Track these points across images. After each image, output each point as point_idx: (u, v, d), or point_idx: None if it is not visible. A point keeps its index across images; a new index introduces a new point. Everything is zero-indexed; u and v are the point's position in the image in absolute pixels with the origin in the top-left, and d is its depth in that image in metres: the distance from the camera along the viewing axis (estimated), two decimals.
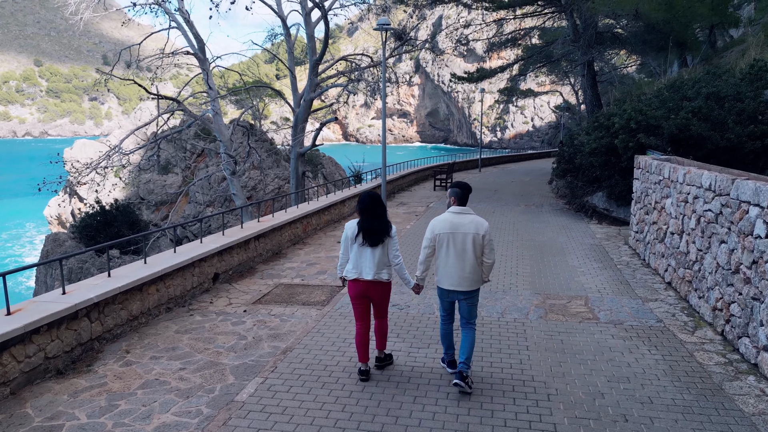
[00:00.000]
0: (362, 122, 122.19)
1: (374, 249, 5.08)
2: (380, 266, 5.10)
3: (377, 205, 5.16)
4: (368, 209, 5.14)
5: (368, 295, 5.18)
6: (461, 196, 5.10)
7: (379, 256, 5.09)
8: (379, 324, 5.37)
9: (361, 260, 5.13)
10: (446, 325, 5.34)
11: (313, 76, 19.28)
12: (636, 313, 7.14)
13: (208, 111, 20.21)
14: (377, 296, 5.20)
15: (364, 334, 5.26)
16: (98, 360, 5.83)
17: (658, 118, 12.16)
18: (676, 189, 8.14)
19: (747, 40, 21.96)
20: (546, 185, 24.37)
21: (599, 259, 10.10)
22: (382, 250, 5.11)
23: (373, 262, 5.07)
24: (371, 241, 5.07)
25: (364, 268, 5.11)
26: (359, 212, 5.21)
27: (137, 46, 19.40)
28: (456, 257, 4.97)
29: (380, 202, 5.22)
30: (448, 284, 5.06)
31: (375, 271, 5.07)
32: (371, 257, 5.08)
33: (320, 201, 14.31)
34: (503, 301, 7.66)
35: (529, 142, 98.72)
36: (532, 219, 14.77)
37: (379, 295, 5.20)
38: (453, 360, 5.34)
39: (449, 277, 5.03)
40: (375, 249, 5.08)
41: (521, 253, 10.64)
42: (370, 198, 5.19)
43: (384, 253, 5.12)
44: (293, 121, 19.83)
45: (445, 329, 5.35)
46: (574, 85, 60.67)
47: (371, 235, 5.08)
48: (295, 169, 19.93)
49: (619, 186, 13.27)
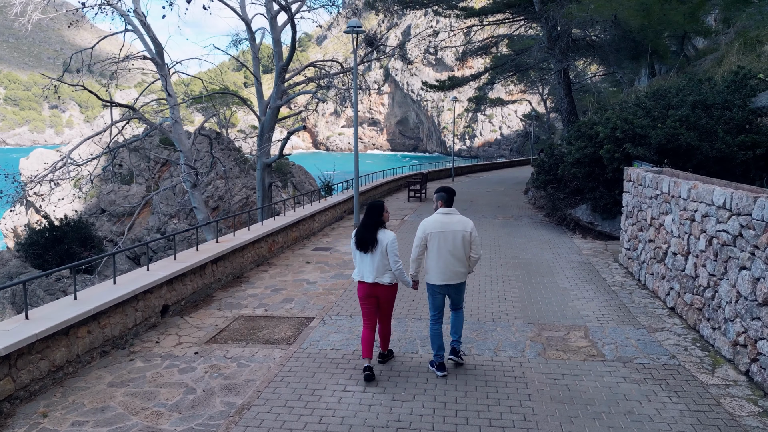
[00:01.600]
0: (332, 131, 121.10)
1: (372, 254, 5.43)
2: (380, 270, 5.43)
3: (370, 216, 5.51)
4: (364, 217, 5.56)
5: (375, 295, 5.52)
6: (447, 200, 5.67)
7: (378, 260, 5.42)
8: (383, 327, 5.75)
9: (362, 264, 5.53)
10: (436, 326, 5.69)
11: (279, 82, 18.23)
12: (644, 347, 6.33)
13: (167, 119, 18.94)
14: (382, 297, 5.54)
15: (370, 333, 5.58)
16: (6, 428, 4.69)
17: (644, 127, 11.55)
18: (678, 205, 7.41)
19: (719, 48, 21.89)
20: (521, 195, 23.79)
21: (591, 280, 9.33)
22: (381, 255, 5.42)
23: (372, 266, 5.44)
24: (360, 247, 5.47)
25: (365, 271, 5.50)
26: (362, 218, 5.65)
27: (90, 50, 18.11)
28: (447, 254, 5.46)
29: (375, 211, 5.52)
30: (441, 280, 5.54)
31: (375, 275, 5.43)
32: (370, 262, 5.45)
33: (288, 216, 13.25)
34: (494, 335, 6.77)
35: (497, 150, 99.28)
36: (512, 233, 14.01)
37: (383, 296, 5.54)
38: (443, 363, 5.62)
39: (441, 273, 5.51)
40: (372, 254, 5.43)
41: (507, 274, 9.80)
42: (369, 208, 5.59)
43: (383, 258, 5.42)
44: (259, 130, 18.72)
45: (435, 330, 5.68)
46: (543, 94, 61.22)
47: (359, 241, 5.48)
48: (262, 180, 18.80)
49: (603, 198, 12.61)
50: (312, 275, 10.00)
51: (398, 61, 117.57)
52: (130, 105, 18.56)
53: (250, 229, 11.15)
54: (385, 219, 5.55)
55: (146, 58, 18.47)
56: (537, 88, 58.15)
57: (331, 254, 11.88)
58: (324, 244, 13.12)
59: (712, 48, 23.76)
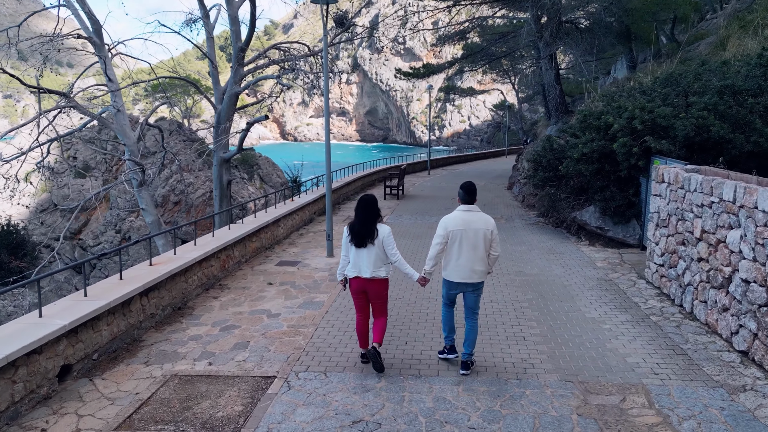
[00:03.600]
0: (300, 121, 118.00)
1: (368, 249, 5.32)
2: (377, 264, 5.36)
3: (367, 210, 5.36)
4: (358, 211, 5.39)
5: (366, 290, 5.43)
6: (465, 198, 5.46)
7: (375, 255, 5.33)
8: (378, 322, 5.56)
9: (359, 260, 5.37)
10: (448, 311, 5.66)
11: (238, 66, 15.96)
12: (734, 421, 4.56)
13: (109, 108, 16.49)
14: (373, 292, 5.43)
15: (364, 324, 5.59)
16: None
17: (667, 116, 9.85)
18: (755, 220, 5.66)
19: (710, 33, 20.57)
20: (505, 191, 22.12)
21: (621, 306, 7.57)
22: (378, 249, 5.33)
23: (369, 261, 5.34)
24: (356, 241, 5.34)
25: (362, 267, 5.37)
26: (354, 213, 5.46)
27: (17, 28, 15.56)
28: (468, 252, 5.31)
29: (371, 206, 5.39)
30: (459, 278, 5.37)
31: (372, 269, 5.34)
32: (367, 256, 5.34)
33: (246, 223, 11.14)
34: (525, 404, 4.89)
35: (467, 140, 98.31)
36: (508, 238, 12.23)
37: (375, 291, 5.43)
38: (453, 345, 5.67)
39: (460, 271, 5.36)
40: (369, 249, 5.32)
41: (516, 298, 7.96)
42: (363, 201, 5.42)
43: (379, 252, 5.35)
44: (215, 120, 16.44)
45: (447, 314, 5.66)
46: (515, 84, 59.92)
47: (356, 236, 5.34)
48: (219, 177, 16.54)
49: (615, 199, 10.90)
50: (274, 303, 7.96)
51: (366, 50, 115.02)
52: (64, 92, 16.02)
53: (196, 244, 9.01)
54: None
55: (82, 38, 16.01)
56: (509, 77, 56.88)
57: (299, 270, 9.85)
58: (290, 256, 11.07)
59: (702, 33, 22.47)
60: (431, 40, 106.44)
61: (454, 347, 5.71)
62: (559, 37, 18.59)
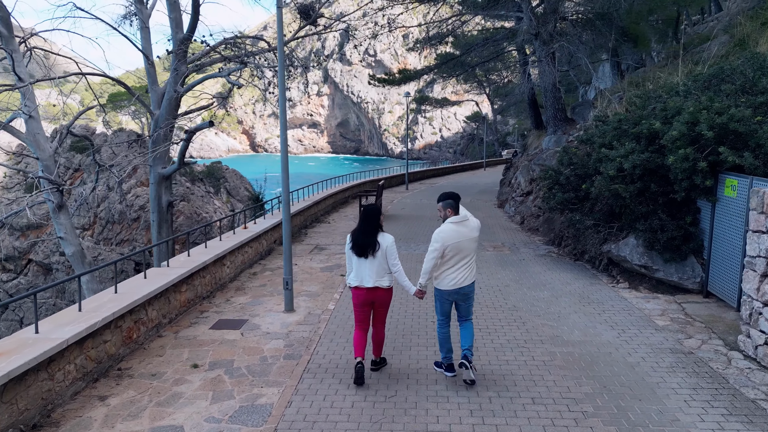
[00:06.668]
0: (271, 132, 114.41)
1: (370, 259, 5.31)
2: (380, 273, 5.34)
3: (367, 221, 5.38)
4: (361, 222, 5.45)
5: (370, 300, 5.41)
6: (455, 206, 5.33)
7: (378, 264, 5.32)
8: (377, 332, 5.59)
9: (361, 269, 5.37)
10: (444, 329, 5.52)
11: (178, 62, 12.98)
12: None
13: (18, 114, 13.29)
14: (377, 302, 5.42)
15: (362, 334, 5.51)
16: None
17: (746, 120, 7.31)
18: None
19: (732, 30, 18.60)
20: (496, 209, 19.53)
21: (736, 408, 4.87)
22: (380, 259, 5.32)
23: (372, 271, 5.32)
24: (357, 251, 5.35)
25: (364, 276, 5.35)
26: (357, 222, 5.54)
27: None
28: (462, 262, 5.27)
29: (373, 218, 5.39)
30: (453, 284, 5.30)
31: (375, 279, 5.33)
32: (369, 266, 5.33)
33: (173, 267, 8.15)
34: None
35: (439, 152, 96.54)
36: (521, 278, 9.52)
37: (379, 300, 5.42)
38: (452, 364, 5.53)
39: (454, 280, 5.29)
40: (371, 259, 5.31)
41: (568, 393, 5.19)
42: (365, 212, 5.47)
43: (382, 262, 5.33)
44: (151, 128, 13.37)
45: (443, 333, 5.52)
46: (490, 95, 57.99)
47: (359, 248, 5.35)
48: (157, 198, 13.42)
49: (667, 230, 8.28)
50: (192, 411, 5.00)
51: (338, 62, 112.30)
52: None
53: (81, 310, 6.00)
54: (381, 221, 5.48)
55: None
56: (484, 88, 54.90)
57: (242, 338, 6.89)
58: (234, 310, 8.10)
59: (704, 35, 20.51)
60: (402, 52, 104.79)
61: (452, 365, 5.53)
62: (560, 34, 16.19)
